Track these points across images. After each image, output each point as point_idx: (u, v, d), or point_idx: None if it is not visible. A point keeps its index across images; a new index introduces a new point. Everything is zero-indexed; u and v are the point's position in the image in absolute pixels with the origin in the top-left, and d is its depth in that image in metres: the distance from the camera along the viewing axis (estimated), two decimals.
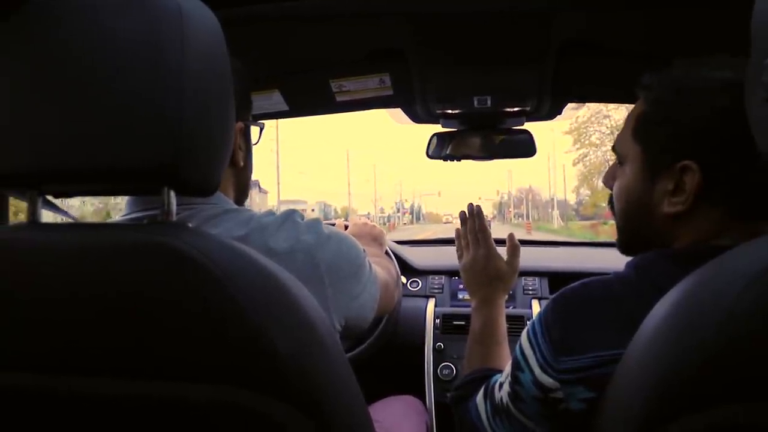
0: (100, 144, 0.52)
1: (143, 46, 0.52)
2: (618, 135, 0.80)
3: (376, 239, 1.27)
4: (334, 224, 1.00)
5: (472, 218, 1.19)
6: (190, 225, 0.57)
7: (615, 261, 0.78)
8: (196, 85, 0.53)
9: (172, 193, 0.57)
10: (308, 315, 0.56)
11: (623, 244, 0.80)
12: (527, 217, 73.65)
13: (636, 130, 0.75)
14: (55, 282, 0.53)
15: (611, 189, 0.81)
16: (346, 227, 1.28)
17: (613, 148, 0.80)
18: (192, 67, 0.53)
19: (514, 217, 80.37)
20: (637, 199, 0.75)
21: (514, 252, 1.17)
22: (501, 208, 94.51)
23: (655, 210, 0.72)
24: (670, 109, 0.71)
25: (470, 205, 1.22)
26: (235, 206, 0.84)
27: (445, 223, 75.62)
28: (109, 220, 0.83)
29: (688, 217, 0.70)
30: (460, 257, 1.20)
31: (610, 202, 0.82)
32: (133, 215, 0.79)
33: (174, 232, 0.53)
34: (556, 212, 51.54)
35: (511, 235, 1.20)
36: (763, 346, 0.45)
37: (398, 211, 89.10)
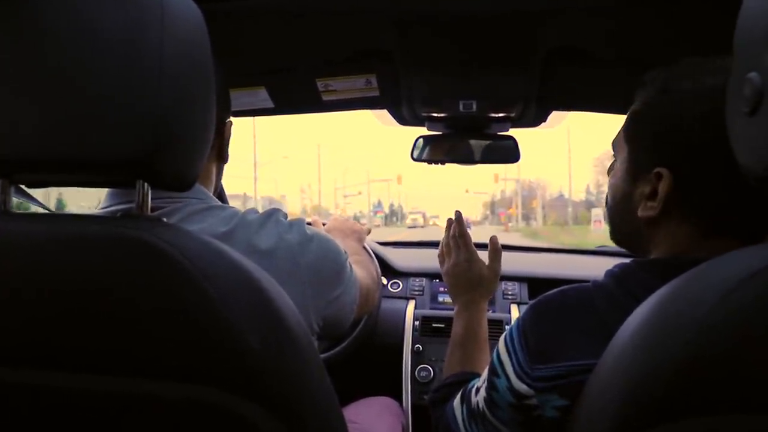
0: (75, 134, 0.51)
1: (122, 38, 0.51)
2: (617, 132, 0.80)
3: (356, 234, 1.27)
4: (310, 223, 1.00)
5: (452, 225, 1.21)
6: (170, 219, 0.57)
7: (595, 268, 0.79)
8: (175, 77, 0.53)
9: (147, 187, 0.56)
10: (283, 315, 0.56)
11: (613, 237, 0.82)
12: (541, 220, 53.88)
13: (626, 128, 0.75)
14: (23, 273, 0.52)
15: None
16: (324, 224, 1.28)
17: (612, 144, 0.81)
18: (172, 59, 0.52)
19: (522, 218, 57.50)
20: (621, 199, 0.75)
21: (495, 257, 1.17)
22: (494, 207, 75.99)
23: (635, 211, 0.72)
24: (654, 111, 0.71)
25: (456, 212, 1.24)
26: (220, 203, 0.84)
27: (410, 227, 51.58)
28: (88, 212, 0.82)
29: (660, 225, 0.70)
30: (442, 263, 1.21)
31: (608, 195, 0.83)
32: (111, 208, 0.78)
33: (147, 227, 0.53)
34: (600, 210, 34.08)
35: (492, 239, 1.20)
36: (734, 359, 0.45)
37: (373, 210, 73.22)
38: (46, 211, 0.73)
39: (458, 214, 1.22)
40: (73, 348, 0.51)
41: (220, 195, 0.92)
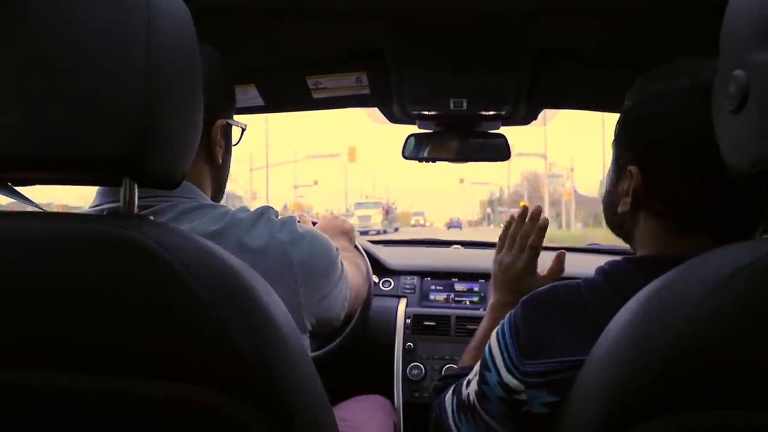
0: (61, 132, 0.51)
1: (108, 34, 0.51)
2: None
3: (346, 233, 1.27)
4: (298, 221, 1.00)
5: (530, 222, 1.05)
6: (160, 218, 0.56)
7: (588, 265, 0.80)
8: (161, 74, 0.52)
9: (135, 185, 0.56)
10: (271, 314, 0.55)
11: (608, 226, 0.84)
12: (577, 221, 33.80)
13: (614, 131, 0.79)
14: (10, 271, 0.52)
15: None
16: (314, 224, 1.28)
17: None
18: (158, 56, 0.52)
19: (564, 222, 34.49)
20: (607, 195, 0.80)
21: (556, 276, 1.05)
22: (493, 205, 63.22)
23: (617, 207, 0.76)
24: (629, 112, 0.75)
25: (525, 208, 1.08)
26: (211, 202, 0.84)
27: (361, 232, 21.04)
28: (76, 211, 0.81)
29: (636, 221, 0.74)
30: (499, 251, 1.08)
31: None
32: (101, 206, 0.78)
33: (134, 225, 0.53)
34: None
35: (560, 255, 1.06)
36: (721, 355, 0.46)
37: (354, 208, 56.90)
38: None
39: (540, 214, 1.06)
40: (60, 346, 0.51)
41: (214, 198, 0.91)
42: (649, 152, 0.71)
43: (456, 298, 1.85)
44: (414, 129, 1.64)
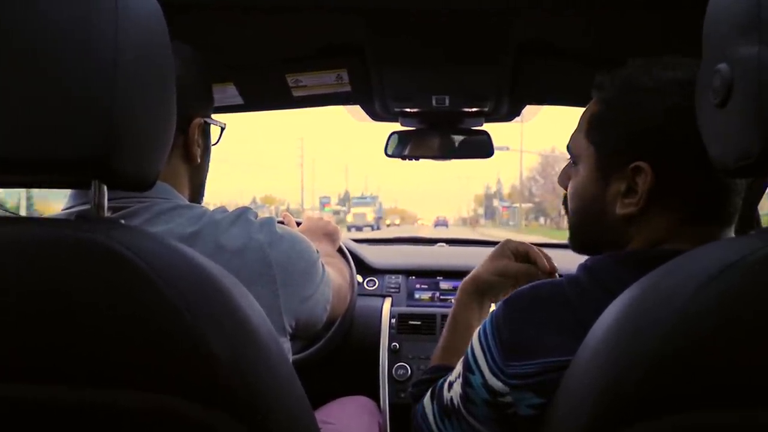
0: (25, 133, 0.49)
1: (74, 32, 0.49)
2: (571, 135, 0.79)
3: (329, 235, 1.25)
4: (282, 222, 0.98)
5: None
6: (136, 219, 0.55)
7: (569, 261, 0.79)
8: (130, 70, 0.51)
9: (104, 187, 0.54)
10: (248, 318, 0.54)
11: (577, 244, 0.80)
12: None
13: (589, 130, 0.75)
14: None
15: (566, 188, 0.81)
16: (298, 224, 1.26)
17: (568, 148, 0.80)
18: (126, 54, 0.50)
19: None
20: (590, 200, 0.75)
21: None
22: (491, 199, 55.07)
23: (608, 211, 0.72)
24: (621, 109, 0.71)
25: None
26: (188, 202, 0.82)
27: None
28: (47, 215, 0.79)
29: (640, 220, 0.70)
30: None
31: (565, 201, 0.82)
32: (73, 209, 0.76)
33: (103, 229, 0.51)
34: None
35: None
36: (709, 353, 0.45)
37: (321, 203, 48.20)
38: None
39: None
40: (28, 356, 0.49)
41: (193, 199, 0.89)
42: (664, 148, 0.67)
43: (441, 297, 1.84)
44: (397, 126, 1.63)
